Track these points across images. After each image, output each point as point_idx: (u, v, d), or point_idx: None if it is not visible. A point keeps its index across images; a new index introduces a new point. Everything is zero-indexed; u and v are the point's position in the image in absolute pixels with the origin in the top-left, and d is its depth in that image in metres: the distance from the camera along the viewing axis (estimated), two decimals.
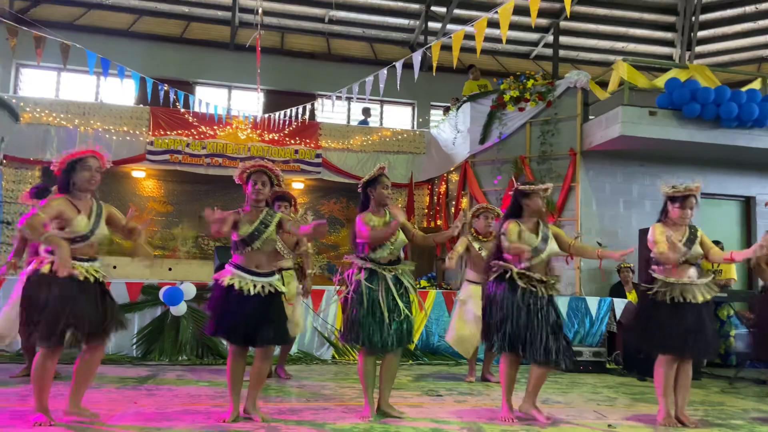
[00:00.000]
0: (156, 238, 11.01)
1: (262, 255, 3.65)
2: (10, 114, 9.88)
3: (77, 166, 3.40)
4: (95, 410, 3.74)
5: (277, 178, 3.75)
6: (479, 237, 5.58)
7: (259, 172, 3.69)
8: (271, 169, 3.72)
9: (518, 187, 4.00)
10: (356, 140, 11.19)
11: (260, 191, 3.66)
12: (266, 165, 3.71)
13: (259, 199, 3.68)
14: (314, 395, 4.68)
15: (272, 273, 3.70)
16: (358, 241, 3.90)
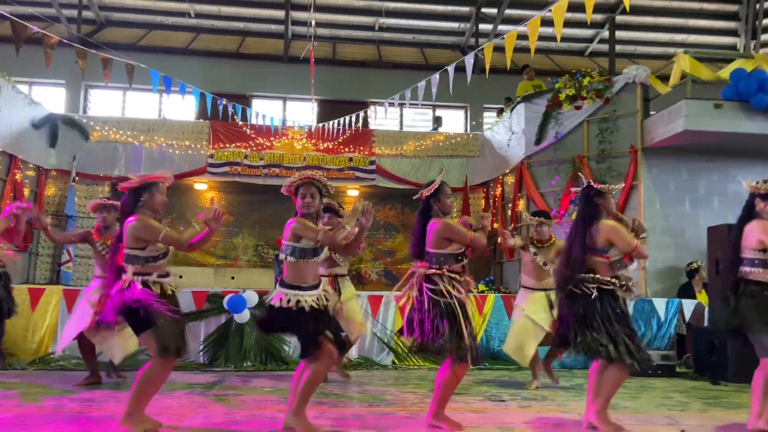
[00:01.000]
0: (218, 248, 11.35)
1: (316, 267, 3.69)
2: (80, 133, 10.42)
3: (152, 188, 3.55)
4: (167, 415, 3.89)
5: (326, 188, 3.71)
6: (535, 242, 5.49)
7: (307, 184, 3.64)
8: (319, 180, 3.68)
9: (595, 187, 3.85)
10: (409, 146, 11.21)
11: (310, 204, 3.62)
12: (314, 176, 3.66)
13: (309, 212, 3.64)
14: (376, 400, 4.71)
15: (319, 284, 3.69)
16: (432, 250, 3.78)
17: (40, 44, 7.16)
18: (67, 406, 4.32)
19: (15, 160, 9.24)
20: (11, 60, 8.56)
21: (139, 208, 3.52)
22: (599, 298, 3.63)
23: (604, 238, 3.71)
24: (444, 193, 3.85)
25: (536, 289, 5.43)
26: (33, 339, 6.53)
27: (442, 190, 3.85)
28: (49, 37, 6.68)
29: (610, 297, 3.67)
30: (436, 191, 3.84)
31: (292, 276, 3.56)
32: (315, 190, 3.65)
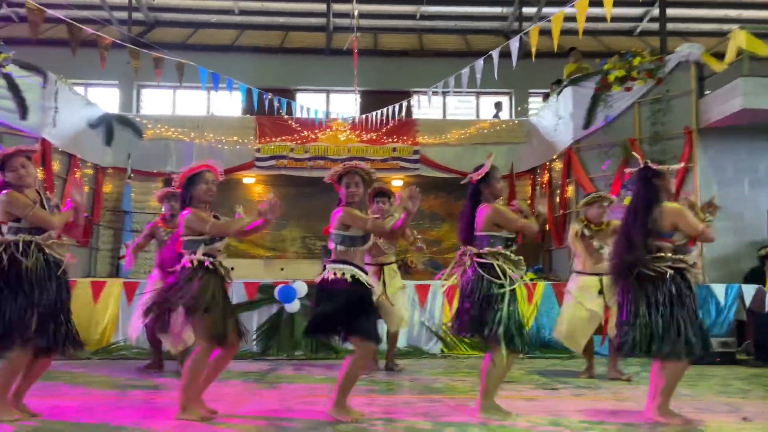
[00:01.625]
0: (267, 240, 11.59)
1: (363, 254, 3.71)
2: (134, 132, 10.79)
3: (195, 180, 3.64)
4: (224, 402, 4.02)
5: (369, 176, 3.71)
6: (591, 225, 5.28)
7: (351, 173, 3.65)
8: (363, 169, 3.68)
9: (653, 168, 3.68)
10: (453, 134, 11.13)
11: (354, 193, 3.64)
12: (357, 165, 3.68)
13: (354, 201, 3.66)
14: (426, 389, 4.73)
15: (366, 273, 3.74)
16: (481, 234, 3.73)
17: (93, 47, 7.44)
18: (131, 393, 4.52)
19: (74, 159, 9.65)
20: (67, 63, 8.93)
21: (190, 200, 3.63)
22: (672, 277, 3.47)
23: (668, 222, 3.54)
24: (494, 176, 3.78)
25: (589, 273, 5.26)
26: (96, 330, 6.83)
27: (492, 174, 3.78)
28: (103, 39, 6.94)
29: (681, 278, 3.52)
30: (486, 175, 3.77)
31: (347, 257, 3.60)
32: (359, 179, 3.66)
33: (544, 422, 3.49)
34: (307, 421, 3.51)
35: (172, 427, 3.31)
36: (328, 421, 3.47)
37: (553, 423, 3.47)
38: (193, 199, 3.63)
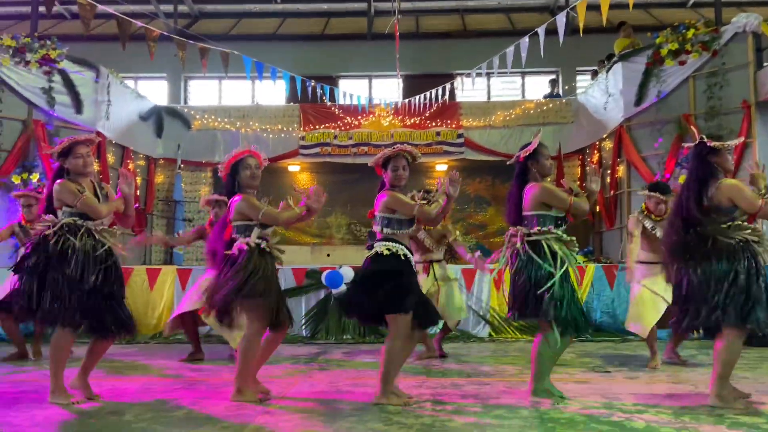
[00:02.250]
0: (313, 227, 11.72)
1: (410, 240, 3.69)
2: (183, 123, 11.04)
3: (239, 167, 3.69)
4: (276, 383, 4.11)
5: (415, 158, 3.69)
6: (651, 216, 5.04)
7: (397, 156, 3.64)
8: (409, 152, 3.66)
9: (708, 144, 3.50)
10: (498, 116, 10.95)
11: (401, 176, 3.63)
12: (404, 148, 3.66)
13: (400, 184, 3.64)
14: (474, 372, 4.71)
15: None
16: (529, 213, 3.64)
17: (141, 40, 7.63)
18: (186, 375, 4.67)
19: (127, 151, 9.96)
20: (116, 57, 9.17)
21: (239, 186, 3.69)
22: (742, 250, 3.30)
23: (725, 198, 3.37)
24: (542, 154, 3.69)
25: (655, 262, 5.01)
26: (152, 315, 7.08)
27: (540, 152, 3.69)
28: (151, 31, 7.10)
29: (749, 252, 3.33)
30: (534, 152, 3.69)
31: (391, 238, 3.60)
32: (405, 162, 3.65)
33: (597, 405, 3.42)
34: (356, 403, 3.55)
35: (227, 408, 3.40)
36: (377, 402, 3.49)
37: (607, 406, 3.40)
38: (241, 186, 3.68)
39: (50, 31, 11.06)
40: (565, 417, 3.14)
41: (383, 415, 3.22)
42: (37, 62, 8.02)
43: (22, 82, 8.02)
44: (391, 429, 2.92)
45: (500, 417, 3.15)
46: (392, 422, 3.05)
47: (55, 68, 8.21)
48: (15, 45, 7.92)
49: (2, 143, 7.96)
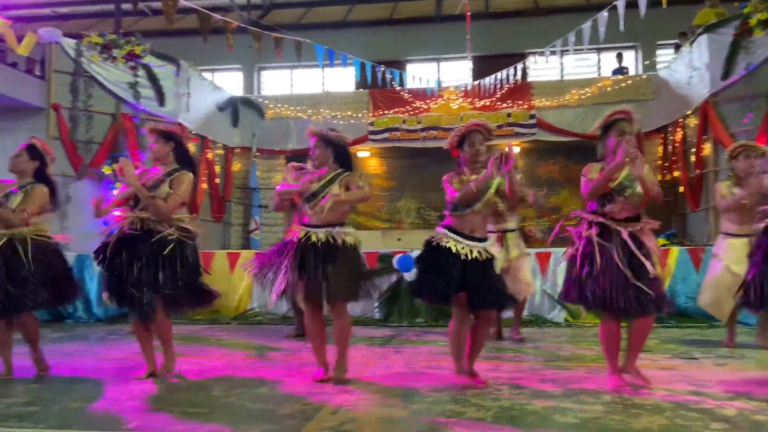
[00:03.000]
0: (383, 212, 11.83)
1: (478, 218, 3.56)
2: (257, 112, 11.39)
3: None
4: (352, 364, 4.21)
5: (490, 132, 3.62)
6: (741, 181, 4.71)
7: (472, 132, 3.57)
8: (483, 126, 3.59)
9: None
10: (573, 95, 10.61)
11: (480, 152, 3.55)
12: (479, 123, 3.60)
13: (479, 159, 3.56)
14: (552, 356, 4.64)
15: (486, 238, 3.61)
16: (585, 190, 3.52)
17: (217, 33, 7.92)
18: (268, 354, 4.87)
19: (206, 141, 10.39)
20: (194, 51, 9.56)
21: None
22: None
23: None
24: (616, 129, 3.50)
25: (739, 235, 4.77)
26: (233, 297, 7.38)
27: (613, 127, 3.53)
28: (229, 23, 7.33)
29: None
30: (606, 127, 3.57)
31: (451, 223, 3.57)
32: (481, 137, 3.59)
33: (683, 392, 3.29)
34: (433, 384, 3.58)
35: (308, 386, 3.52)
36: (455, 384, 3.52)
37: (694, 393, 3.27)
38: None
39: (133, 27, 11.64)
40: (650, 403, 3.05)
41: (460, 396, 3.24)
42: (123, 58, 8.47)
43: (110, 78, 8.50)
44: (469, 411, 2.93)
45: (582, 402, 3.10)
46: (470, 404, 3.06)
47: (140, 63, 8.65)
48: (102, 42, 8.40)
49: (94, 136, 8.49)
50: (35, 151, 4.10)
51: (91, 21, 12.76)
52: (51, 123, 8.19)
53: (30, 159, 4.07)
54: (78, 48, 8.33)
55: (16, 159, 4.05)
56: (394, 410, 2.98)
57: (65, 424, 2.77)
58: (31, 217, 3.94)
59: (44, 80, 8.25)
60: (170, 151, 3.91)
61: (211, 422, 2.77)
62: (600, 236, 3.39)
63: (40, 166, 4.12)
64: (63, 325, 6.98)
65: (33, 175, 4.07)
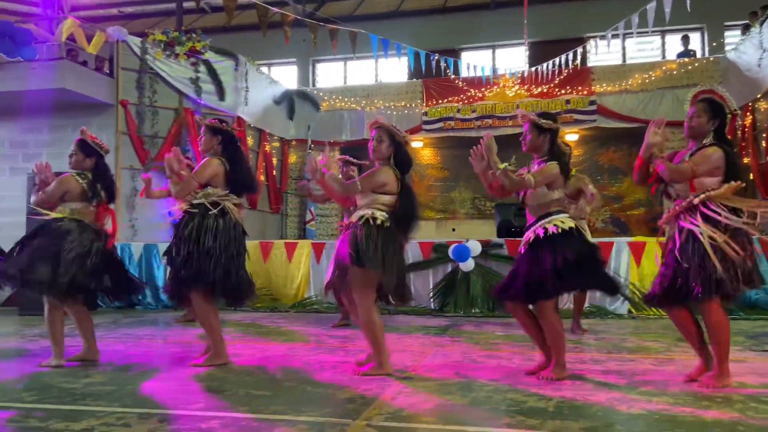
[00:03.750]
0: (437, 203, 11.78)
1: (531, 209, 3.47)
2: (312, 104, 11.55)
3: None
4: (410, 353, 4.24)
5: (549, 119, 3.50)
6: None
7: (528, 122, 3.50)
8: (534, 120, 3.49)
9: None
10: (635, 80, 10.24)
11: (524, 143, 3.52)
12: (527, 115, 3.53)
13: (527, 149, 3.52)
14: (615, 348, 4.52)
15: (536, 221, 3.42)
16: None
17: (273, 28, 8.06)
18: (326, 341, 4.95)
19: (263, 134, 10.62)
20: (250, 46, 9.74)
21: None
22: None
23: None
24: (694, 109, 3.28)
25: None
26: (291, 286, 7.54)
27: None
28: (286, 16, 7.45)
29: None
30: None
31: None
32: (534, 128, 3.49)
33: (755, 385, 3.15)
34: (492, 374, 3.56)
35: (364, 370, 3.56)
36: (514, 373, 3.49)
37: (765, 386, 3.13)
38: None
39: (194, 25, 11.99)
40: (720, 396, 2.94)
41: (521, 386, 3.21)
42: (185, 54, 8.75)
43: (173, 74, 8.80)
44: (530, 400, 2.90)
45: (648, 394, 3.01)
46: (530, 393, 3.03)
47: (201, 59, 8.92)
48: (165, 39, 8.69)
49: (159, 131, 8.82)
50: (87, 145, 4.08)
51: (155, 20, 13.22)
52: (119, 118, 8.56)
53: (85, 156, 4.06)
54: (143, 46, 8.65)
55: (72, 158, 4.08)
56: (453, 398, 2.98)
57: (138, 403, 2.91)
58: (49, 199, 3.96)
59: (112, 77, 8.61)
60: (217, 144, 3.95)
61: (274, 405, 2.85)
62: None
63: (98, 159, 4.10)
64: (133, 311, 7.33)
65: (92, 171, 4.06)
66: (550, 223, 3.36)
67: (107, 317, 6.55)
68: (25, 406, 2.85)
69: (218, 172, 3.87)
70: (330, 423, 2.53)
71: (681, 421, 2.53)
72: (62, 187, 3.97)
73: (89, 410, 2.76)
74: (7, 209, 8.74)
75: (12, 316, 6.83)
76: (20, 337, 5.20)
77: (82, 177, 4.02)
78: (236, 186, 3.93)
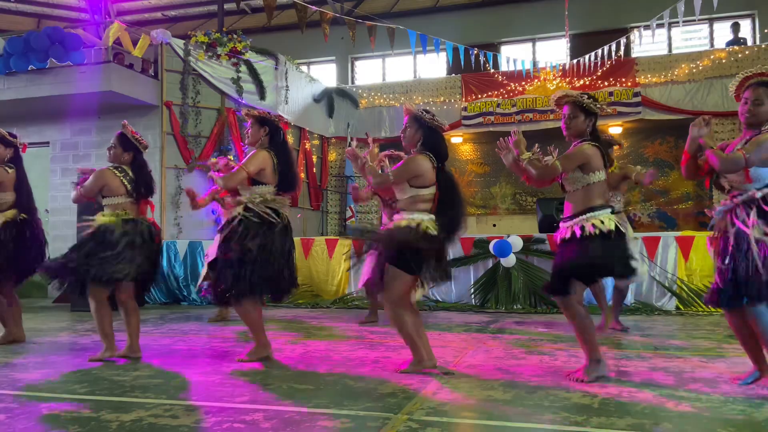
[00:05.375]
0: (477, 198, 11.68)
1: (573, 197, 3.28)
2: (351, 102, 11.60)
3: None
4: (451, 348, 4.22)
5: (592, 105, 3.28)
6: None
7: (569, 104, 3.30)
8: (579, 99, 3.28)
9: None
10: (681, 70, 9.92)
11: (567, 126, 3.33)
12: (570, 95, 3.33)
13: (567, 135, 3.35)
14: (663, 345, 4.40)
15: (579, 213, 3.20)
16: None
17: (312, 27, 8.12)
18: (367, 336, 4.98)
19: (303, 132, 10.73)
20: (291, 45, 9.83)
21: None
22: None
23: None
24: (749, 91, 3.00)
25: None
26: (332, 282, 7.61)
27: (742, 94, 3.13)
28: (324, 14, 7.50)
29: None
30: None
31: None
32: (578, 111, 3.30)
33: None
34: (534, 370, 3.51)
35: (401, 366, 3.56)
36: (557, 370, 3.43)
37: None
38: None
39: (234, 26, 12.20)
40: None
41: (565, 382, 3.15)
42: (227, 55, 8.91)
43: (215, 74, 8.98)
44: (574, 397, 2.85)
45: (697, 391, 2.92)
46: (574, 390, 2.97)
47: (242, 59, 9.06)
48: (207, 41, 8.87)
49: (202, 131, 9.01)
50: (126, 140, 4.14)
51: (198, 22, 13.51)
52: (164, 119, 8.79)
53: (123, 150, 4.12)
54: (186, 47, 8.85)
55: (111, 151, 4.15)
56: (495, 393, 2.95)
57: (184, 395, 2.98)
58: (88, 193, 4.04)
59: (157, 79, 8.85)
60: (264, 135, 3.95)
61: (316, 398, 2.88)
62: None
63: (136, 154, 4.16)
64: (179, 307, 7.52)
65: (130, 165, 4.13)
66: (589, 221, 3.16)
67: (154, 313, 6.74)
68: (77, 398, 2.96)
69: (267, 165, 3.85)
70: (372, 417, 2.54)
71: (731, 421, 2.45)
72: (99, 181, 4.04)
73: (138, 402, 2.84)
74: (58, 209, 9.10)
75: (64, 312, 7.10)
76: (72, 332, 5.40)
77: (120, 171, 4.09)
78: (284, 180, 3.89)
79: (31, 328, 5.54)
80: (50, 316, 6.69)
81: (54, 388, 3.17)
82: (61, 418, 2.60)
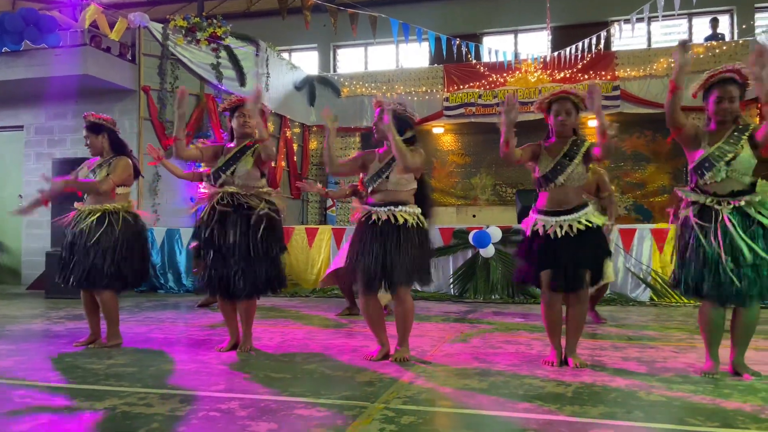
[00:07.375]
0: (458, 189, 11.72)
1: (567, 191, 3.34)
2: (333, 90, 11.52)
3: None
4: (429, 338, 4.24)
5: (583, 102, 3.36)
6: None
7: (561, 99, 3.37)
8: (575, 95, 3.37)
9: None
10: (660, 64, 10.03)
11: (564, 121, 3.35)
12: (570, 91, 3.41)
13: (563, 130, 3.38)
14: (636, 335, 4.48)
15: (581, 206, 3.32)
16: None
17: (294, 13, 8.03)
18: (345, 326, 4.98)
19: (284, 120, 10.64)
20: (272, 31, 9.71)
21: None
22: None
23: None
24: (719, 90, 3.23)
25: None
26: (312, 271, 7.59)
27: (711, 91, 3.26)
28: (306, 1, 7.41)
29: None
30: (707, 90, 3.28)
31: (539, 203, 3.44)
32: (571, 106, 3.36)
33: None
34: (511, 359, 3.55)
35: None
36: (533, 359, 3.47)
37: None
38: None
39: (215, 11, 12.01)
40: (743, 384, 2.89)
41: (539, 371, 3.19)
42: (206, 40, 8.77)
43: (194, 60, 8.84)
44: (548, 385, 2.89)
45: (668, 381, 2.98)
46: (549, 379, 3.01)
47: (222, 44, 8.93)
48: (186, 25, 8.73)
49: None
50: (94, 125, 4.09)
51: (177, 6, 13.27)
52: (142, 104, 8.64)
53: (96, 135, 4.08)
54: (165, 32, 8.70)
55: (87, 143, 4.11)
56: (471, 382, 2.98)
57: (159, 384, 2.96)
58: (116, 187, 4.01)
59: (135, 63, 8.68)
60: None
61: (293, 387, 2.88)
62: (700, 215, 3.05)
63: (111, 136, 4.11)
64: (156, 295, 7.44)
65: (111, 148, 4.10)
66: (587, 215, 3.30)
67: (130, 301, 6.67)
68: (50, 386, 2.92)
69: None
70: (348, 405, 2.55)
71: (701, 409, 2.50)
72: (129, 169, 4.10)
73: (112, 390, 2.81)
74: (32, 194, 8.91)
75: (38, 299, 6.99)
76: (46, 320, 5.32)
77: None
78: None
79: (4, 315, 5.45)
80: (24, 303, 6.58)
81: (26, 375, 3.13)
82: (34, 405, 2.57)
